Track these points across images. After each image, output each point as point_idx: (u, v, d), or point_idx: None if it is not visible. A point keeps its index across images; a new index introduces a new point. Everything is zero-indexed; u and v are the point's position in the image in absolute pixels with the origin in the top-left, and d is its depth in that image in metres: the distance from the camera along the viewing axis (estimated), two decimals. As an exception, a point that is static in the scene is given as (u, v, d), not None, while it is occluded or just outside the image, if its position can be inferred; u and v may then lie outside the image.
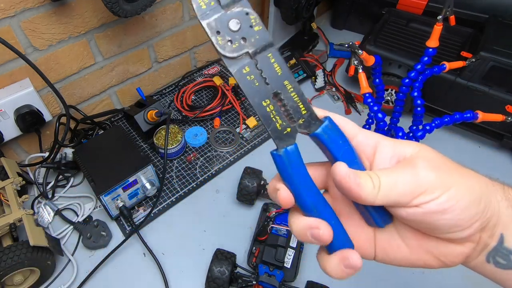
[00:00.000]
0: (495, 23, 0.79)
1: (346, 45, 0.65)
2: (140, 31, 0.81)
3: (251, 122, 0.87)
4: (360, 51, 0.65)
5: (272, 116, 0.25)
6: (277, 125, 0.25)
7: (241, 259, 0.64)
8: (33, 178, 0.75)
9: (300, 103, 0.25)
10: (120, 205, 0.66)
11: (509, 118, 0.65)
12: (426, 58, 0.68)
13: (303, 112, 0.25)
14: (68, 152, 0.75)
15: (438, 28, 0.64)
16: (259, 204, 0.71)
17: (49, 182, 0.74)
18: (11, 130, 0.68)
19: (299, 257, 0.62)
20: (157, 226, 0.70)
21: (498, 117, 0.65)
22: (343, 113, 0.92)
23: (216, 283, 0.57)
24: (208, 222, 0.71)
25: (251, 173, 0.70)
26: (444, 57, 0.78)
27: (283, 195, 0.25)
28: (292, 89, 0.25)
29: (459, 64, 0.69)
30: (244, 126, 0.87)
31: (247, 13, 0.24)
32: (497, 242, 0.26)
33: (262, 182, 0.71)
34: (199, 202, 0.74)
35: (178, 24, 0.87)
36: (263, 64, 0.24)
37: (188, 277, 0.63)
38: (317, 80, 0.98)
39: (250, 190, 0.68)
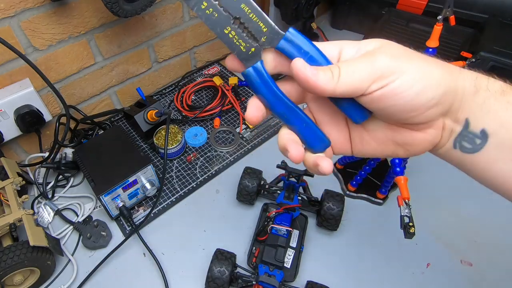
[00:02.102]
0: (495, 23, 0.79)
1: (346, 45, 0.65)
2: (140, 31, 0.81)
3: (251, 122, 0.86)
4: (360, 51, 0.65)
5: (235, 40, 0.27)
6: (241, 47, 0.27)
7: (241, 259, 0.64)
8: (33, 178, 0.75)
9: (260, 22, 0.27)
10: (120, 205, 0.66)
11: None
12: (426, 58, 0.68)
13: (264, 30, 0.27)
14: (68, 152, 0.75)
15: (438, 28, 0.64)
16: (259, 204, 0.71)
17: (49, 182, 0.74)
18: (11, 130, 0.68)
19: (299, 257, 0.62)
20: (157, 226, 0.70)
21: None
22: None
23: (216, 283, 0.57)
24: (208, 222, 0.71)
25: (251, 173, 0.70)
26: (444, 57, 0.78)
27: (253, 103, 0.29)
28: (249, 11, 0.26)
29: (459, 64, 0.69)
30: (244, 126, 0.87)
31: None
32: (462, 127, 0.27)
33: (262, 182, 0.71)
34: (199, 202, 0.74)
35: (178, 24, 0.87)
36: None
37: (188, 277, 0.63)
38: (317, 80, 0.98)
39: (250, 190, 0.68)
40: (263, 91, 0.28)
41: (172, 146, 0.76)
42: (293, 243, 0.63)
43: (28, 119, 0.68)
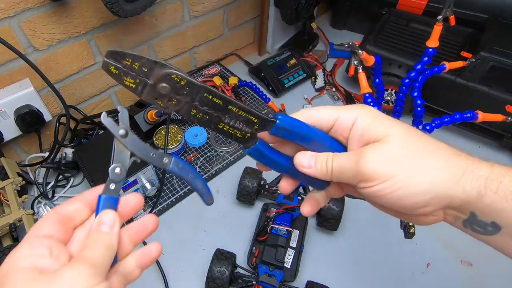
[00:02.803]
0: (495, 23, 0.79)
1: (346, 45, 0.65)
2: (140, 31, 0.81)
3: (251, 122, 0.86)
4: (360, 51, 0.65)
5: (230, 131, 0.29)
6: (237, 135, 0.29)
7: (241, 259, 0.64)
8: (33, 178, 0.75)
9: (249, 116, 0.29)
10: (120, 205, 0.66)
11: (509, 118, 0.65)
12: (426, 58, 0.68)
13: (255, 121, 0.29)
14: (68, 152, 0.75)
15: (438, 28, 0.64)
16: (259, 204, 0.71)
17: (49, 182, 0.74)
18: (11, 130, 0.68)
19: (299, 257, 0.62)
20: (157, 226, 0.70)
21: (498, 117, 0.65)
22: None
23: (216, 283, 0.57)
24: (208, 222, 0.71)
25: (251, 173, 0.70)
26: (444, 57, 0.78)
27: (282, 184, 0.34)
28: (237, 110, 0.28)
29: (459, 64, 0.69)
30: (244, 126, 0.87)
31: (168, 74, 0.26)
32: (468, 217, 0.26)
33: (262, 182, 0.71)
34: (199, 202, 0.74)
35: (178, 24, 0.87)
36: (203, 102, 0.28)
37: (188, 277, 0.63)
38: (317, 80, 0.98)
39: (250, 190, 0.68)
40: (268, 164, 0.32)
41: (172, 146, 0.76)
42: (293, 243, 0.63)
43: (28, 119, 0.68)
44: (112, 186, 0.28)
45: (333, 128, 0.30)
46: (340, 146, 0.31)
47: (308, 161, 0.30)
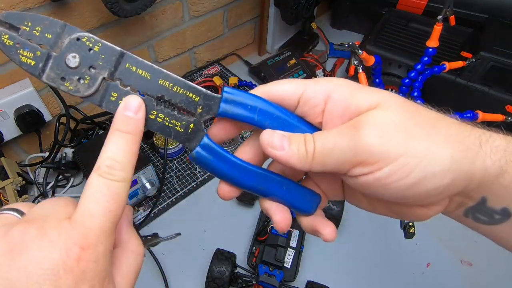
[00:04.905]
0: (495, 23, 0.79)
1: (346, 45, 0.65)
2: (140, 31, 0.81)
3: (251, 122, 0.86)
4: (360, 51, 0.65)
5: (167, 123, 0.23)
6: (177, 128, 0.23)
7: (241, 259, 0.64)
8: (33, 178, 0.74)
9: (188, 92, 0.22)
10: (120, 205, 0.66)
11: (509, 118, 0.65)
12: (426, 58, 0.68)
13: (196, 99, 0.23)
14: (68, 152, 0.75)
15: (438, 28, 0.64)
16: (259, 204, 0.71)
17: (49, 182, 0.74)
18: (11, 130, 0.68)
19: (299, 257, 0.62)
20: (157, 226, 0.70)
21: (498, 117, 0.65)
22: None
23: (216, 283, 0.57)
24: (208, 222, 0.71)
25: (251, 173, 0.70)
26: (444, 57, 0.78)
27: (221, 189, 0.25)
28: (171, 84, 0.22)
29: (459, 64, 0.69)
30: (244, 126, 0.87)
31: (77, 39, 0.21)
32: (476, 203, 0.22)
33: (262, 182, 0.71)
34: (199, 202, 0.74)
35: (178, 24, 0.87)
36: (127, 78, 0.22)
37: (188, 277, 0.63)
38: (317, 80, 0.98)
39: (250, 190, 0.68)
40: (223, 169, 0.23)
41: (172, 146, 0.76)
42: (293, 243, 0.63)
43: (28, 119, 0.68)
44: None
45: (298, 108, 0.23)
46: (312, 128, 0.23)
47: (279, 141, 0.21)
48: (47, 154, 0.74)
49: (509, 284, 0.62)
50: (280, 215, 0.24)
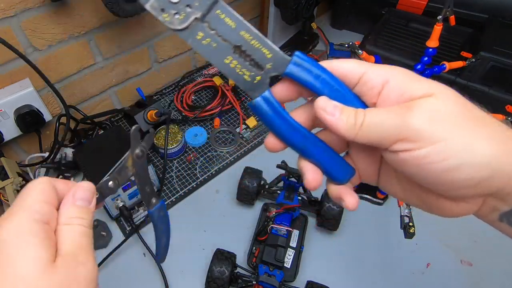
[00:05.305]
0: (495, 23, 0.79)
1: (346, 45, 0.65)
2: (140, 31, 0.81)
3: (251, 122, 0.86)
4: (360, 51, 0.65)
5: (238, 70, 0.25)
6: (245, 77, 0.25)
7: (241, 259, 0.64)
8: (33, 178, 0.74)
9: (263, 48, 0.25)
10: (120, 205, 0.66)
11: (509, 118, 0.65)
12: (426, 58, 0.68)
13: (269, 56, 0.25)
14: (68, 152, 0.75)
15: (438, 28, 0.64)
16: (259, 204, 0.71)
17: (49, 182, 0.74)
18: (11, 130, 0.68)
19: (299, 257, 0.62)
20: (157, 226, 0.70)
21: (498, 117, 0.65)
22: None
23: (216, 283, 0.57)
24: (208, 222, 0.71)
25: (251, 173, 0.70)
26: (444, 57, 0.78)
27: (269, 141, 0.26)
28: (251, 38, 0.24)
29: (459, 64, 0.69)
30: (244, 126, 0.87)
31: None
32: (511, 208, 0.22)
33: (262, 182, 0.71)
34: (199, 202, 0.74)
35: (178, 24, 0.87)
36: (215, 23, 0.24)
37: (188, 277, 0.63)
38: (317, 80, 0.98)
39: (250, 190, 0.68)
40: (275, 123, 0.25)
41: (172, 146, 0.76)
42: (293, 243, 0.63)
43: (28, 119, 0.68)
44: (96, 195, 0.27)
45: (357, 86, 0.24)
46: (366, 107, 0.25)
47: (332, 108, 0.23)
48: (47, 154, 0.74)
49: (509, 284, 0.62)
50: (312, 175, 0.26)
